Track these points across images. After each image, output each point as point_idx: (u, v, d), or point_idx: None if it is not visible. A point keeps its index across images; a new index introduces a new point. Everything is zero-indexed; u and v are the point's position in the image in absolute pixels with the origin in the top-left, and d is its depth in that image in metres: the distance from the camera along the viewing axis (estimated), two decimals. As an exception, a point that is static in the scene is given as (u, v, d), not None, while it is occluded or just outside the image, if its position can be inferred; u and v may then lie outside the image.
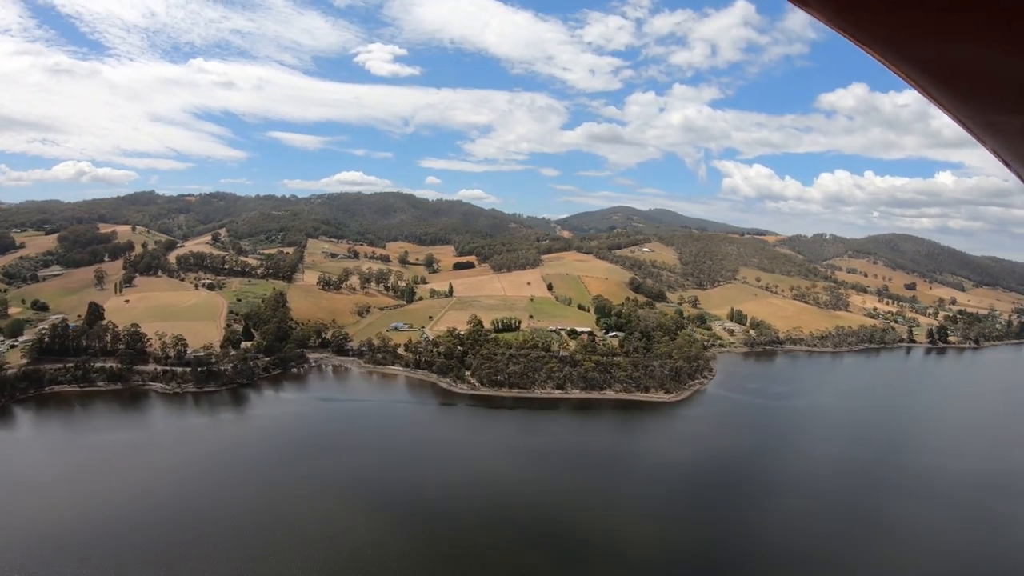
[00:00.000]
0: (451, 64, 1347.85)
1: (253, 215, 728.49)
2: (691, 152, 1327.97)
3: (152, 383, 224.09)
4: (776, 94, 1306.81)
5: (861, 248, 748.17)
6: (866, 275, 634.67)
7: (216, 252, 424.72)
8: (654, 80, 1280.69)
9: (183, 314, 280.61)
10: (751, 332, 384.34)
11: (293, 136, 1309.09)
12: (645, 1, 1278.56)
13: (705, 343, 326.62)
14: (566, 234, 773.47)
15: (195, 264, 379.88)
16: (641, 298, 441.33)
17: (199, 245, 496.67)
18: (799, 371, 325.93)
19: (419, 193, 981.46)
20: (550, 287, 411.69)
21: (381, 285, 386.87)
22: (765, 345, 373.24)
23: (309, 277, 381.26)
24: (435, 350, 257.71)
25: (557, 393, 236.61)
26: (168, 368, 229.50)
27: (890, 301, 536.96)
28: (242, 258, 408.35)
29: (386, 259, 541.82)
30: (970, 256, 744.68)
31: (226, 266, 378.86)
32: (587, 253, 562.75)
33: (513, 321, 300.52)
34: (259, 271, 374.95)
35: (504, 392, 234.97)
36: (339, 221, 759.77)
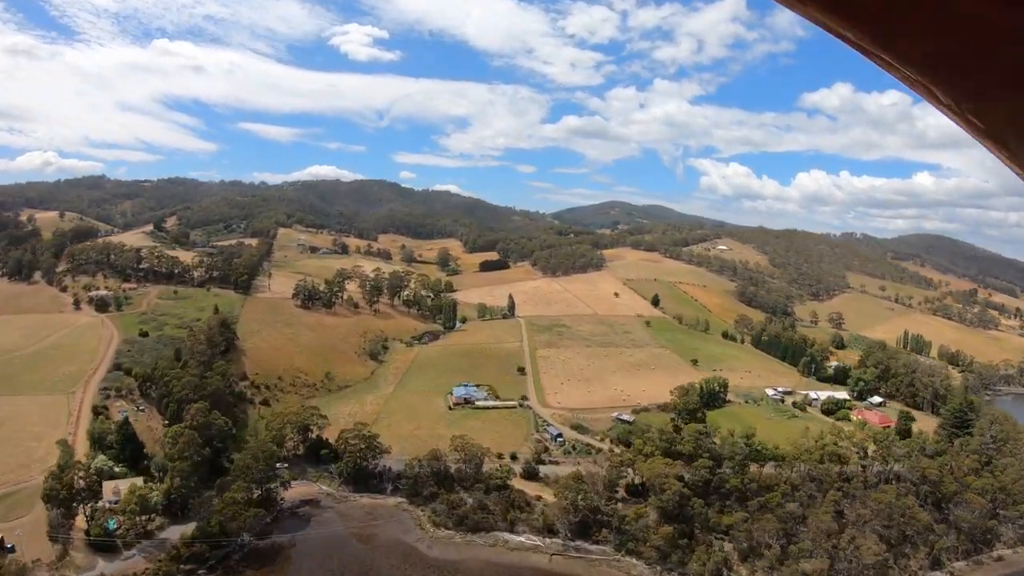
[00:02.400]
0: (430, 52, 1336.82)
1: (212, 201, 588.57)
2: (670, 149, 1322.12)
3: None
4: (759, 92, 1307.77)
5: (897, 250, 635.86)
6: (930, 281, 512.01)
7: (151, 244, 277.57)
8: (636, 75, 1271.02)
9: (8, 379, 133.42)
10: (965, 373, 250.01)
11: (265, 128, 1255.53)
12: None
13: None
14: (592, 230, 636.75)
15: (95, 262, 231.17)
16: (758, 313, 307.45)
17: (134, 236, 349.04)
18: None
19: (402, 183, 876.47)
20: (655, 302, 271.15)
21: (396, 296, 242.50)
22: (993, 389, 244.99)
23: (280, 283, 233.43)
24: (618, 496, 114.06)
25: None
26: None
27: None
28: (178, 253, 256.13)
29: (385, 255, 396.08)
30: (1008, 259, 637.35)
31: (143, 266, 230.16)
32: (648, 250, 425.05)
33: (708, 387, 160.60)
34: (196, 273, 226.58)
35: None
36: (318, 208, 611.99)
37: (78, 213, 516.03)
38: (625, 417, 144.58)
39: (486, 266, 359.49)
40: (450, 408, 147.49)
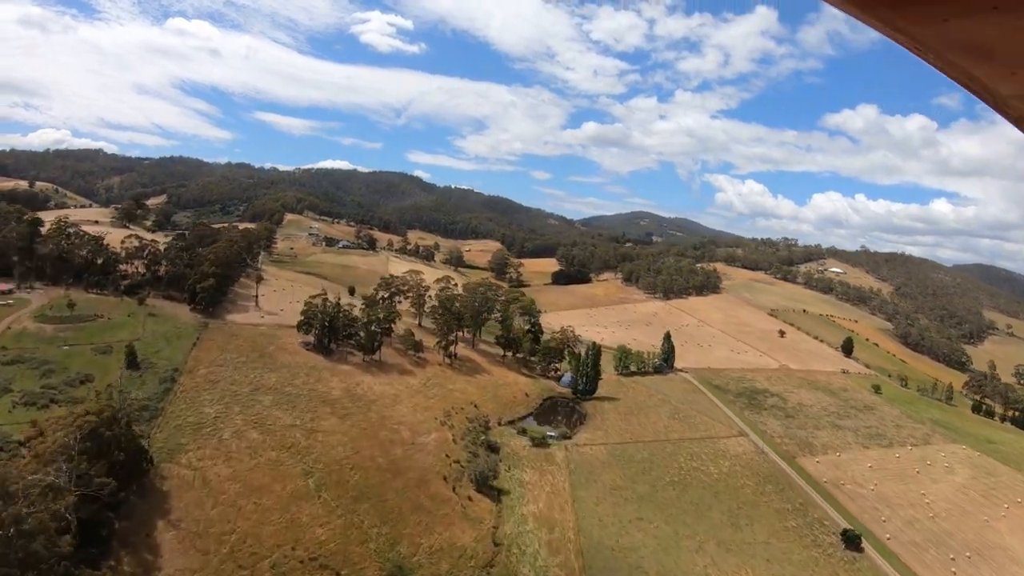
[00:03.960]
0: (452, 50, 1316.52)
1: (211, 180, 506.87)
2: (687, 163, 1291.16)
3: None
4: (781, 110, 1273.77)
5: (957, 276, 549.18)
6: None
7: (108, 227, 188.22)
8: (659, 86, 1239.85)
9: None
10: None
11: (281, 119, 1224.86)
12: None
13: None
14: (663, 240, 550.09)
15: None
16: (927, 362, 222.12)
17: (99, 212, 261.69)
18: None
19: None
20: (848, 350, 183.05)
21: (479, 328, 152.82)
22: None
23: (278, 296, 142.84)
24: None
25: None
26: None
27: None
28: (140, 234, 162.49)
29: (426, 255, 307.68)
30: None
31: (43, 250, 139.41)
32: (749, 268, 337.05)
33: None
34: (130, 270, 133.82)
35: None
36: (333, 196, 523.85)
37: (55, 185, 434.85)
38: None
39: (560, 278, 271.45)
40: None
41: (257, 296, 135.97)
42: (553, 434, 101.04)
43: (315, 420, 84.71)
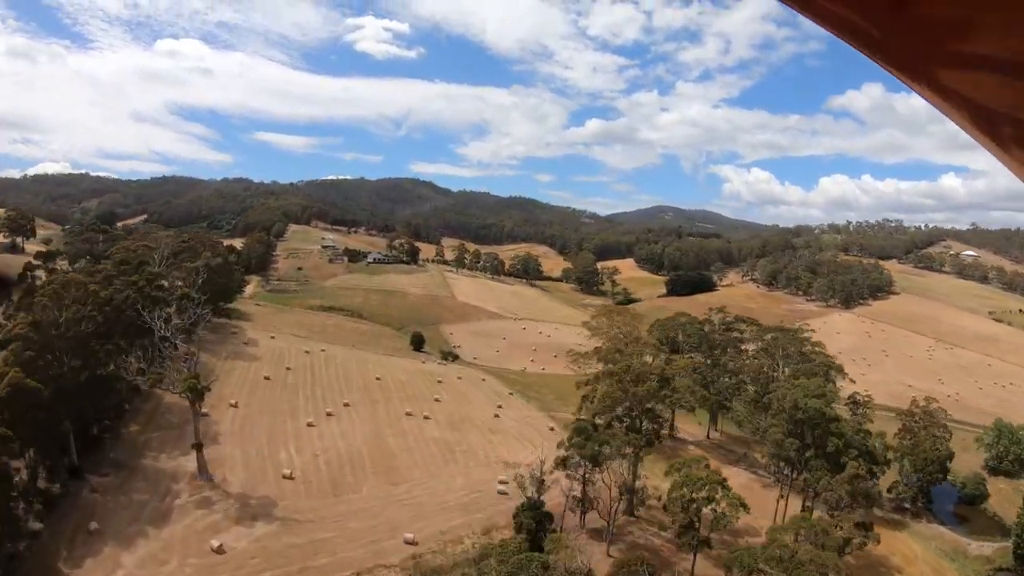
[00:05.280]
0: (448, 55, 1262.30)
1: (202, 195, 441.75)
2: (692, 155, 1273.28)
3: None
4: (784, 95, 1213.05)
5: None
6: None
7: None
8: (660, 79, 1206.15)
9: None
10: None
11: (281, 137, 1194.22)
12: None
13: None
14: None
15: None
16: None
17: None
18: None
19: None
20: None
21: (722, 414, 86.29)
22: None
23: (265, 396, 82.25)
24: None
25: None
26: None
27: None
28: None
29: (494, 269, 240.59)
30: None
31: None
32: (881, 257, 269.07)
33: None
34: None
35: None
36: (342, 206, 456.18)
37: (20, 210, 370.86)
38: None
39: (678, 286, 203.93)
40: None
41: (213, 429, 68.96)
42: None
43: None
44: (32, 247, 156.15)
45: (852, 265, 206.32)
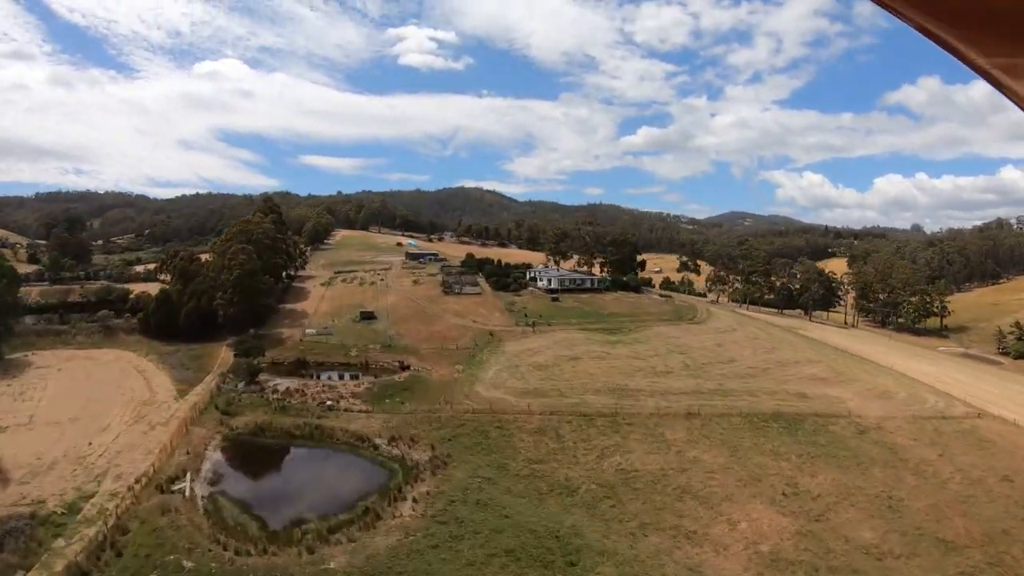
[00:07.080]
0: (494, 69, 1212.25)
1: (226, 205, 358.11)
2: (743, 161, 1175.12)
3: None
4: (836, 93, 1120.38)
5: None
6: None
7: None
8: (709, 84, 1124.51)
9: None
10: None
11: (327, 160, 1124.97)
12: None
13: None
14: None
15: None
16: None
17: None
18: None
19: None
20: None
21: None
22: None
23: None
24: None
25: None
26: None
27: None
28: None
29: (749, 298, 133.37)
30: None
31: None
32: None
33: None
34: None
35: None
36: (399, 214, 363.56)
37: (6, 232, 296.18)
38: None
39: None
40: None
41: None
42: None
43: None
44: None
45: None
